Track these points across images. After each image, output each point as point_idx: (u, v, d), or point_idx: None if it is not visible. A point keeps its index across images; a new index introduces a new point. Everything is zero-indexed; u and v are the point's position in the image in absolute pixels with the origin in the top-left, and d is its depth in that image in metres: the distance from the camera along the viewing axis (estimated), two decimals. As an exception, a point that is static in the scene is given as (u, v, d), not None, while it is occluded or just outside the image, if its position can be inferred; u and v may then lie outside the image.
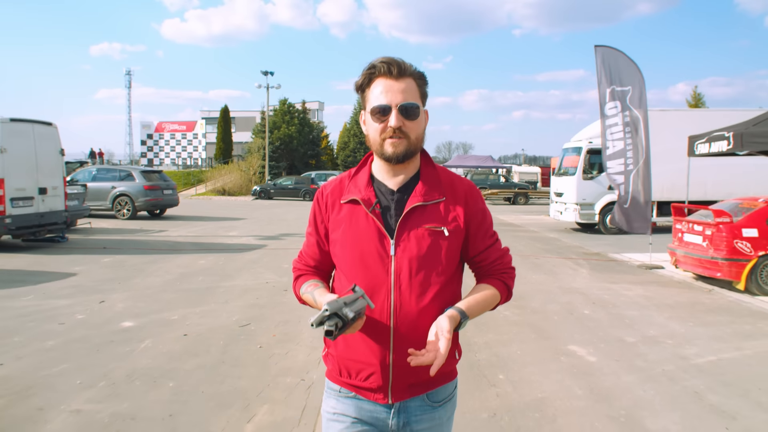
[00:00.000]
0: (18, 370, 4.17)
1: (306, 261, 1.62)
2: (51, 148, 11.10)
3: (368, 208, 1.46)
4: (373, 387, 1.46)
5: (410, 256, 1.43)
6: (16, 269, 8.44)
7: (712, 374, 4.29)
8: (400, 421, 1.49)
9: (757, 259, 7.13)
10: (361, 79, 1.48)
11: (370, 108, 1.46)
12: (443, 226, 1.46)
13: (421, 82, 1.48)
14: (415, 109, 1.44)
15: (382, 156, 1.47)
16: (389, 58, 1.45)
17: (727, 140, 7.81)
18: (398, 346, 1.42)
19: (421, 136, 1.48)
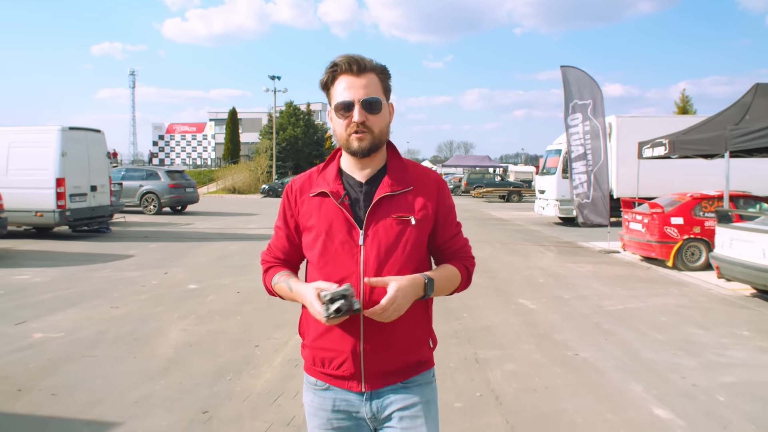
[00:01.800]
0: (130, 310, 6.01)
1: (275, 254, 1.64)
2: (100, 151, 12.98)
3: (337, 200, 1.49)
4: (345, 375, 1.50)
5: (378, 245, 1.46)
6: (82, 252, 10.28)
7: (614, 315, 6.11)
8: (372, 407, 1.51)
9: (682, 241, 8.94)
10: (324, 78, 1.51)
11: (334, 104, 1.49)
12: (410, 215, 1.49)
13: (383, 76, 1.51)
14: (377, 103, 1.47)
15: (348, 150, 1.51)
16: (350, 55, 1.48)
17: (664, 146, 9.62)
18: (368, 334, 1.46)
19: (385, 129, 1.51)
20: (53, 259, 9.33)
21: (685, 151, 9.31)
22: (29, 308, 6.00)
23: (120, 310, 6.02)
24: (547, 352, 4.80)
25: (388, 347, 1.48)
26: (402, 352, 1.51)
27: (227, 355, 4.60)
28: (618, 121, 16.08)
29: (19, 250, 10.44)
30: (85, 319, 5.60)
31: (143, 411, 3.48)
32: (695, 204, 9.11)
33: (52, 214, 11.52)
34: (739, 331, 5.52)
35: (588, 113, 11.66)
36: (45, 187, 11.49)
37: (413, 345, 1.53)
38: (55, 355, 4.50)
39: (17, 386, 3.85)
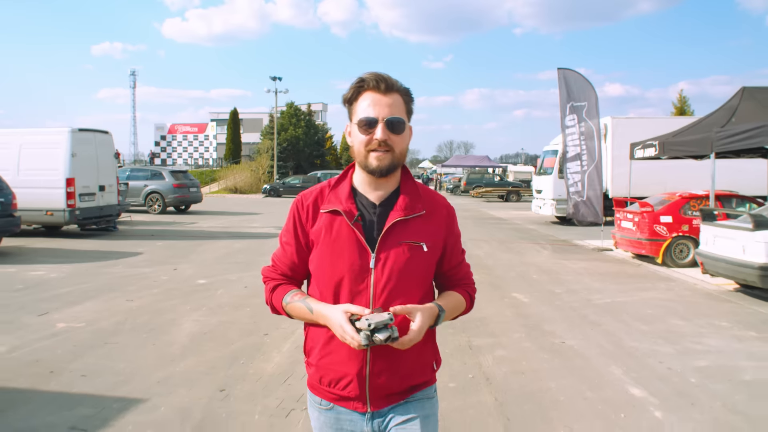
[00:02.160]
0: (145, 303, 6.37)
1: (282, 270, 1.61)
2: (108, 152, 13.33)
3: (350, 220, 1.47)
4: (351, 396, 1.50)
5: (390, 270, 1.46)
6: (92, 250, 10.63)
7: (602, 308, 6.47)
8: (375, 425, 1.54)
9: (671, 239, 9.29)
10: (349, 93, 1.51)
11: (357, 120, 1.48)
12: (422, 242, 1.49)
13: (407, 98, 1.52)
14: (401, 124, 1.47)
15: (365, 168, 1.49)
16: (378, 73, 1.49)
17: (654, 147, 9.97)
18: (375, 358, 1.46)
19: (404, 150, 1.51)
20: (65, 256, 9.68)
21: (675, 152, 9.65)
22: (49, 301, 6.36)
23: (135, 303, 6.38)
24: (536, 340, 5.15)
25: (394, 371, 1.49)
26: (407, 376, 1.52)
27: (239, 342, 4.95)
28: (613, 122, 16.43)
29: (31, 247, 10.80)
30: (104, 311, 5.96)
31: (166, 389, 3.84)
32: (684, 203, 9.47)
33: (62, 213, 11.88)
34: (718, 322, 5.88)
35: (583, 115, 12.01)
36: (55, 187, 11.84)
37: (418, 369, 1.55)
38: (79, 343, 4.86)
39: (49, 368, 4.20)
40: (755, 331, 5.54)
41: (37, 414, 3.44)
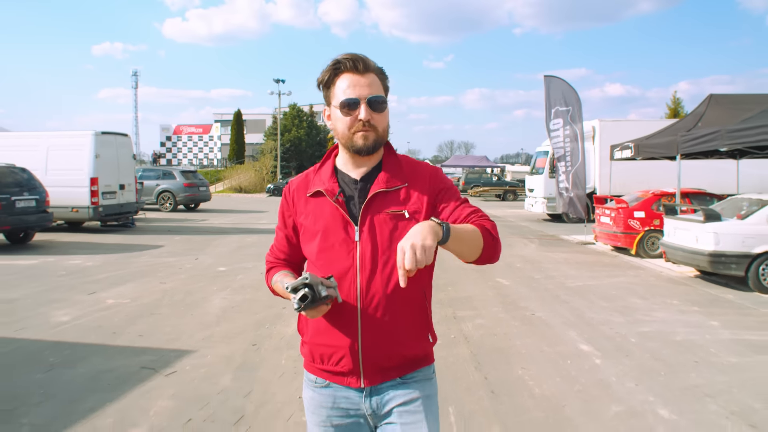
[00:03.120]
0: (176, 285, 7.35)
1: (276, 255, 1.67)
2: (127, 153, 14.34)
3: (332, 197, 1.51)
4: (344, 371, 1.52)
5: (374, 241, 1.48)
6: (117, 243, 11.62)
7: (573, 290, 7.44)
8: (372, 403, 1.53)
9: (644, 232, 10.26)
10: (325, 76, 1.52)
11: (338, 102, 1.49)
12: (404, 209, 1.51)
13: (383, 77, 1.54)
14: (382, 102, 1.50)
15: (351, 148, 1.51)
16: (354, 54, 1.50)
17: (630, 149, 10.95)
18: (366, 329, 1.48)
19: (386, 128, 1.54)
20: (94, 249, 10.67)
21: (648, 153, 10.62)
22: (93, 284, 7.35)
23: (168, 285, 7.37)
24: (510, 313, 6.14)
25: (386, 341, 1.49)
26: (400, 346, 1.51)
27: (262, 313, 5.94)
28: (601, 125, 17.37)
29: (61, 241, 11.79)
30: (143, 291, 6.95)
31: (209, 344, 4.83)
32: (656, 200, 10.44)
33: (87, 210, 12.89)
34: (669, 301, 6.86)
35: (568, 118, 12.98)
36: (80, 186, 12.85)
37: (411, 339, 1.53)
38: (129, 314, 5.85)
39: (111, 331, 5.19)
40: (698, 307, 6.52)
41: (112, 359, 4.43)
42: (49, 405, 3.57)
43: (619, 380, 4.15)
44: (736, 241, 7.36)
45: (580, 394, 3.88)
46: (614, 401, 3.77)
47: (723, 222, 7.54)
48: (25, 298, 6.50)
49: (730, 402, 3.76)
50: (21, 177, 10.94)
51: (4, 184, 10.38)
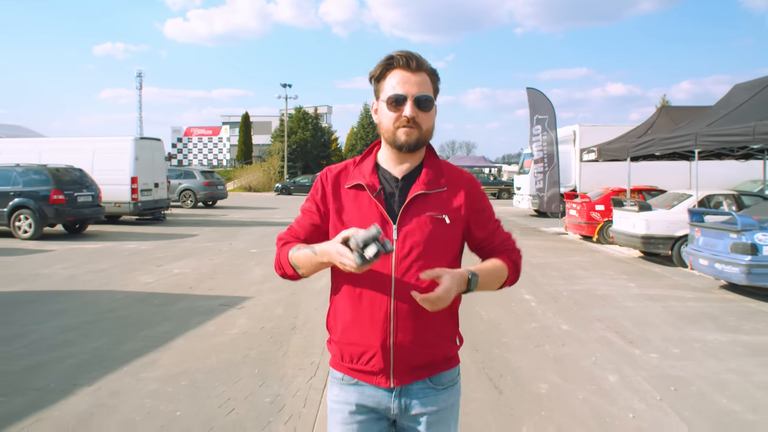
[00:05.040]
0: (222, 261, 9.34)
1: (296, 233, 1.63)
2: (160, 155, 16.38)
3: (372, 193, 1.51)
4: (375, 370, 1.51)
5: (411, 242, 1.48)
6: (157, 233, 13.62)
7: (534, 265, 9.40)
8: (401, 404, 1.53)
9: (603, 222, 12.22)
10: (377, 70, 1.54)
11: (386, 97, 1.50)
12: (444, 214, 1.51)
13: (434, 78, 1.55)
14: (429, 102, 1.50)
15: (393, 144, 1.52)
16: (408, 51, 1.51)
17: (594, 152, 12.91)
18: (399, 329, 1.47)
19: (431, 128, 1.54)
20: (140, 237, 12.67)
21: (608, 156, 12.56)
22: (155, 261, 9.35)
23: (215, 261, 9.37)
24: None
25: (418, 342, 1.50)
26: (431, 346, 1.52)
27: (294, 278, 7.93)
28: (581, 129, 19.33)
29: (108, 231, 13.81)
30: (197, 264, 8.95)
31: (261, 293, 6.82)
32: (614, 195, 12.40)
33: (128, 205, 14.90)
34: (606, 272, 8.83)
35: (545, 125, 14.95)
36: (122, 184, 14.85)
37: (442, 340, 1.55)
38: (195, 277, 7.84)
39: (188, 286, 7.20)
40: (626, 275, 8.50)
41: (197, 301, 6.43)
42: (168, 323, 5.56)
43: (542, 313, 6.13)
44: (663, 226, 9.33)
45: (513, 318, 5.86)
46: (534, 321, 5.75)
47: (653, 211, 9.51)
48: (112, 268, 8.51)
49: (611, 323, 5.73)
50: (79, 176, 12.96)
51: (66, 182, 12.39)
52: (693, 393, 3.92)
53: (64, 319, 5.58)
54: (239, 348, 4.76)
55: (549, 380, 4.14)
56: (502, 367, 4.41)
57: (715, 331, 5.48)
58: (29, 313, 5.81)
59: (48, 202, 11.86)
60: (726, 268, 6.82)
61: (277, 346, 4.84)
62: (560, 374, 4.27)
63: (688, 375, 4.26)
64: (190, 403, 3.62)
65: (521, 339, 5.18)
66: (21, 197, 11.91)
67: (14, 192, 11.98)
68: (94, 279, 7.68)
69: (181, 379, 4.03)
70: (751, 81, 9.71)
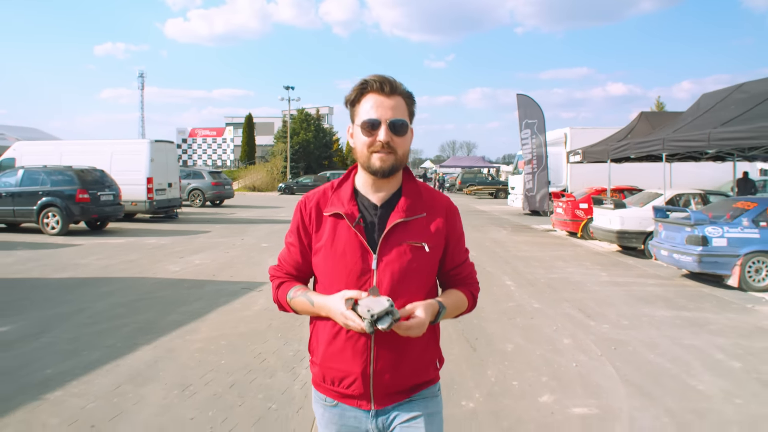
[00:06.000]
0: (236, 254, 10.34)
1: (286, 269, 1.65)
2: (173, 157, 17.40)
3: (352, 222, 1.51)
4: (355, 395, 1.55)
5: (392, 271, 1.50)
6: (172, 230, 14.62)
7: (519, 258, 10.38)
8: (379, 422, 1.58)
9: (587, 219, 13.20)
10: (352, 94, 1.54)
11: (360, 122, 1.51)
12: (424, 242, 1.53)
13: (409, 101, 1.56)
14: (403, 126, 1.51)
15: (368, 169, 1.52)
16: (382, 75, 1.52)
17: (579, 155, 13.89)
18: (378, 357, 1.51)
19: (406, 152, 1.55)
20: (158, 233, 13.67)
21: (591, 158, 13.55)
22: (177, 253, 10.34)
23: (231, 253, 10.37)
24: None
25: (398, 370, 1.53)
26: (411, 374, 1.56)
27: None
28: (571, 132, 20.30)
29: (127, 228, 14.82)
30: (216, 257, 9.95)
31: (276, 280, 7.81)
32: (596, 194, 13.39)
33: (144, 204, 15.90)
34: (583, 263, 9.82)
35: (534, 129, 15.95)
36: (139, 184, 15.85)
37: (421, 367, 1.59)
38: (216, 267, 8.83)
39: (211, 273, 8.19)
40: (601, 266, 9.49)
41: (221, 286, 7.42)
42: (200, 301, 6.55)
43: (519, 295, 7.13)
44: (635, 222, 10.32)
45: (493, 299, 6.85)
46: (511, 301, 6.75)
47: (627, 209, 10.50)
48: (140, 259, 9.52)
49: (577, 303, 6.72)
50: (101, 176, 13.96)
51: (90, 182, 13.39)
52: (628, 351, 4.91)
53: (113, 299, 6.58)
54: (263, 319, 5.76)
55: (515, 342, 5.14)
56: (478, 332, 5.41)
57: (663, 309, 6.48)
58: (82, 294, 6.81)
59: (74, 201, 12.86)
60: (682, 258, 7.81)
61: (294, 317, 5.83)
62: (524, 338, 5.26)
63: (628, 339, 5.25)
64: (231, 356, 4.62)
65: (497, 314, 6.17)
66: (49, 196, 12.92)
67: (42, 191, 12.99)
68: (127, 268, 8.68)
69: (220, 340, 5.03)
70: (716, 90, 10.71)
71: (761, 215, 7.54)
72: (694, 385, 4.11)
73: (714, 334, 5.44)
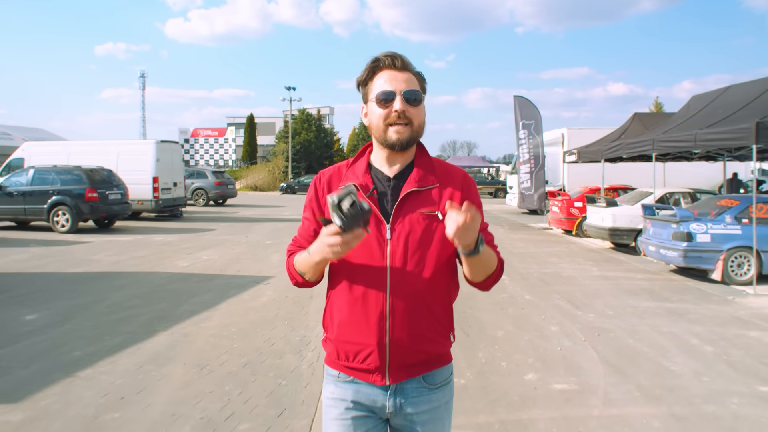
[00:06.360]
0: (243, 251, 10.73)
1: (300, 243, 1.65)
2: (178, 157, 17.80)
3: (365, 193, 1.52)
4: (370, 368, 1.54)
5: (405, 240, 1.49)
6: (178, 227, 15.01)
7: (515, 254, 10.77)
8: (396, 402, 1.55)
9: (581, 217, 13.58)
10: (364, 74, 1.56)
11: (374, 95, 1.53)
12: (437, 211, 1.52)
13: (421, 79, 1.58)
14: (418, 96, 1.52)
15: (384, 143, 1.53)
16: (392, 52, 1.54)
17: (575, 155, 14.27)
18: (395, 327, 1.50)
19: (422, 124, 1.56)
20: (165, 231, 14.06)
21: (586, 158, 13.93)
22: (185, 249, 10.73)
23: (236, 250, 10.76)
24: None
25: (414, 339, 1.52)
26: (426, 342, 1.55)
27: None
28: (569, 132, 20.67)
29: (134, 226, 15.21)
30: (222, 253, 10.34)
31: (281, 274, 8.18)
32: (591, 193, 13.76)
33: (150, 203, 16.29)
34: (576, 259, 10.20)
35: (531, 130, 16.32)
36: (145, 183, 16.23)
37: (437, 336, 1.57)
38: (223, 263, 9.22)
39: (219, 269, 8.58)
40: (593, 262, 9.86)
41: (230, 280, 7.81)
42: (210, 293, 6.94)
43: (513, 288, 7.51)
44: (627, 219, 10.70)
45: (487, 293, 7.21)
46: (504, 293, 7.13)
47: (619, 207, 10.88)
48: (150, 255, 9.91)
49: (567, 295, 7.10)
50: (109, 176, 14.36)
51: (98, 181, 13.79)
52: (611, 337, 5.30)
53: (128, 291, 6.97)
54: (271, 309, 6.15)
55: (505, 329, 5.52)
56: (472, 320, 5.79)
57: (647, 301, 6.86)
58: (99, 287, 7.21)
59: (84, 200, 13.26)
60: (668, 253, 8.19)
61: (299, 307, 6.22)
62: (514, 325, 5.65)
63: (612, 327, 5.63)
64: (242, 340, 5.01)
65: (490, 305, 6.56)
66: (59, 195, 13.32)
67: (53, 190, 13.39)
68: (138, 263, 9.07)
69: (231, 327, 5.42)
70: (706, 93, 11.08)
71: (743, 212, 7.92)
72: (668, 366, 4.49)
73: (692, 323, 5.82)
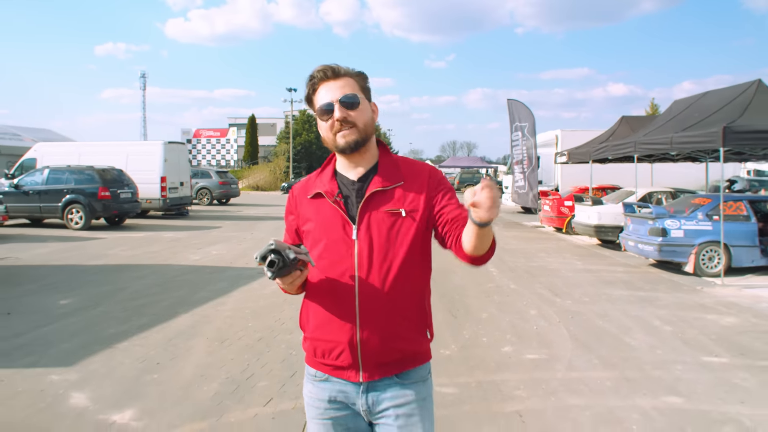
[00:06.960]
0: (249, 246, 11.36)
1: None
2: (185, 157, 18.45)
3: (331, 198, 1.59)
4: (344, 365, 1.58)
5: (371, 239, 1.55)
6: (186, 225, 15.66)
7: (507, 250, 11.40)
8: (368, 400, 1.59)
9: (572, 216, 14.22)
10: (307, 91, 1.62)
11: (317, 110, 1.59)
12: (401, 208, 1.57)
13: (359, 78, 1.62)
14: (354, 100, 1.57)
15: (337, 149, 1.60)
16: (324, 64, 1.60)
17: (566, 156, 14.92)
18: (364, 325, 1.54)
19: (369, 123, 1.61)
20: (174, 228, 14.70)
21: (576, 159, 14.57)
22: (195, 245, 11.37)
23: (243, 245, 11.41)
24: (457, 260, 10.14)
25: (384, 336, 1.55)
26: (397, 340, 1.57)
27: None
28: (562, 134, 21.34)
29: (143, 224, 15.86)
30: (230, 248, 10.98)
31: (287, 267, 8.83)
32: (579, 193, 14.41)
33: (158, 201, 16.94)
34: (563, 254, 10.84)
35: (525, 132, 16.97)
36: (153, 183, 16.86)
37: (410, 333, 1.60)
38: (232, 257, 9.86)
39: (229, 262, 9.23)
40: (578, 257, 10.51)
41: (240, 271, 8.45)
42: (223, 283, 7.59)
43: (500, 279, 8.16)
44: (611, 217, 11.35)
45: (476, 282, 7.88)
46: (492, 283, 7.78)
47: (604, 205, 11.53)
48: (162, 250, 10.56)
49: (549, 285, 7.75)
50: (119, 175, 15.01)
51: (110, 181, 14.44)
52: (583, 319, 5.94)
53: (146, 281, 7.62)
54: (279, 296, 6.78)
55: (489, 312, 6.18)
56: (459, 305, 6.44)
57: (622, 289, 7.51)
58: (119, 277, 7.86)
59: (96, 198, 13.91)
60: (645, 248, 8.84)
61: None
62: (498, 309, 6.30)
63: (585, 311, 6.28)
64: (256, 321, 5.66)
65: (478, 293, 7.21)
66: (73, 194, 13.97)
67: (67, 189, 14.04)
68: (152, 257, 9.72)
69: (245, 310, 6.07)
70: (687, 97, 11.73)
71: (714, 210, 8.56)
72: (628, 342, 5.14)
73: (658, 308, 6.46)
